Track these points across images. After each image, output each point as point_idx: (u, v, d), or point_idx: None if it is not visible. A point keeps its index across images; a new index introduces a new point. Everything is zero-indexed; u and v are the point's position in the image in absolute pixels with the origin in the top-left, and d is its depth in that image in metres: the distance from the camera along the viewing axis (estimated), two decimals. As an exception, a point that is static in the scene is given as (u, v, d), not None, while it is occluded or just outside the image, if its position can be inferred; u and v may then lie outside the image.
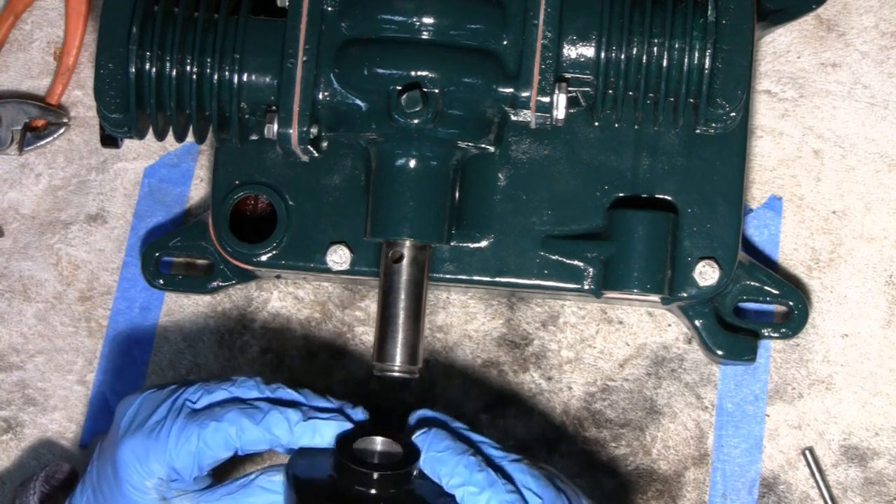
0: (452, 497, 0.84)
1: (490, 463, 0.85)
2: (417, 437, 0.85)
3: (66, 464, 0.98)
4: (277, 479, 0.88)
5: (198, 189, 1.11)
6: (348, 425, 0.86)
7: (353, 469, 0.83)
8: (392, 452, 0.86)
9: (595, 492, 1.04)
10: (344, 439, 0.85)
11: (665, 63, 0.90)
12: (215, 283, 1.06)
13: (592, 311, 1.07)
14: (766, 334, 1.03)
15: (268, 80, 0.92)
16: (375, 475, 0.83)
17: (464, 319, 1.07)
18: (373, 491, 0.83)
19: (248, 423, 0.85)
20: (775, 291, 1.02)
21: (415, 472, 0.85)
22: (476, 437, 0.87)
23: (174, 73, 0.91)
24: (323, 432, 0.85)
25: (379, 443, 0.86)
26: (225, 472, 0.95)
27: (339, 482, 0.84)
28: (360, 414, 0.87)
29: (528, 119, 0.92)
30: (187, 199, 1.10)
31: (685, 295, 0.98)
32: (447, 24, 0.90)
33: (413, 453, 0.85)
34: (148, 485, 0.87)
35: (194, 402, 0.87)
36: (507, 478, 0.84)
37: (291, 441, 0.85)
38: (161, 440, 0.86)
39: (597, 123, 0.99)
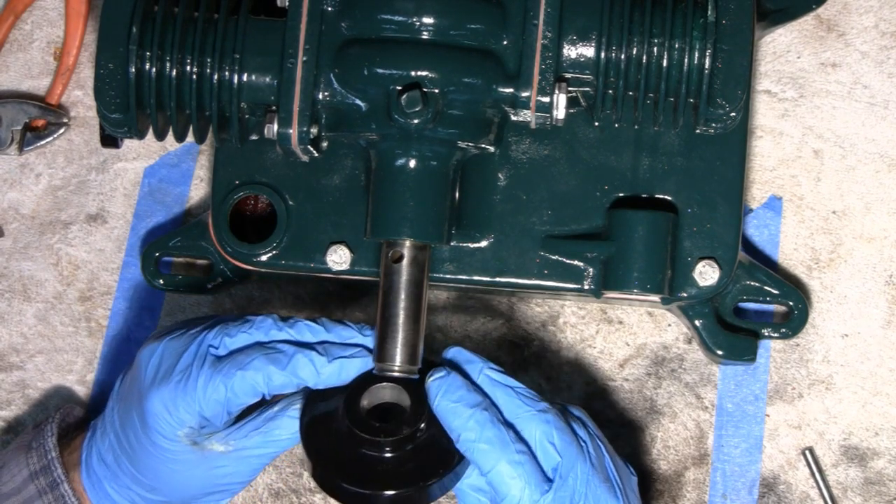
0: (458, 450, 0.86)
1: (503, 418, 0.86)
2: (433, 381, 0.87)
3: (78, 406, 1.01)
4: None
5: (198, 189, 1.10)
6: (371, 362, 0.89)
7: (360, 435, 0.86)
8: (402, 403, 0.88)
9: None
10: (353, 394, 0.88)
11: (665, 63, 0.90)
12: (215, 283, 1.06)
13: (592, 311, 1.07)
14: (766, 334, 1.03)
15: (268, 80, 0.92)
16: (380, 440, 0.86)
17: (464, 319, 1.07)
18: (379, 453, 0.87)
19: (275, 370, 0.87)
20: (775, 291, 1.02)
21: (422, 426, 0.87)
22: (509, 381, 0.88)
23: (174, 73, 0.91)
24: (349, 371, 0.88)
25: (389, 391, 0.89)
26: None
27: (348, 445, 0.87)
28: None
29: (528, 119, 0.92)
30: (187, 199, 1.10)
31: (685, 295, 0.98)
32: (447, 24, 0.90)
33: (421, 404, 0.87)
34: (179, 434, 0.89)
35: (217, 348, 0.89)
36: (520, 436, 0.85)
37: (318, 382, 0.88)
38: (189, 391, 0.87)
39: (597, 123, 0.99)
